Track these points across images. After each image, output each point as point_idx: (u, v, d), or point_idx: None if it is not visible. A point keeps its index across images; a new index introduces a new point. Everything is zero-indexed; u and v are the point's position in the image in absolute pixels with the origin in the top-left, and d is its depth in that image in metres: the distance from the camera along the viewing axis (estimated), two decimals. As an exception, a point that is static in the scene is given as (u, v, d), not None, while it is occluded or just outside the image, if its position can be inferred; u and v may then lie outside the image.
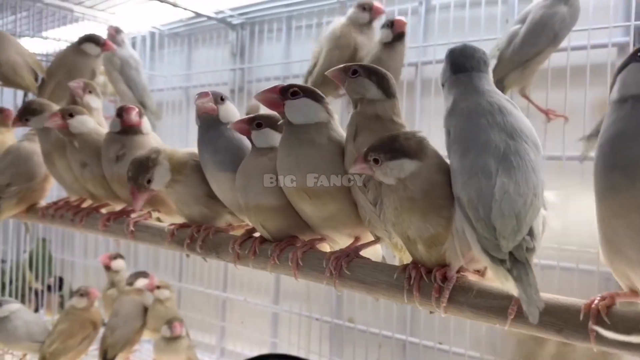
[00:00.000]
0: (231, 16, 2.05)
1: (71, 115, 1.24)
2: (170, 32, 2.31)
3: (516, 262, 0.62)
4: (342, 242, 0.93)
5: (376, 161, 0.74)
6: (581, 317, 0.64)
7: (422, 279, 0.75)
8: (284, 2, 1.89)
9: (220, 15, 2.04)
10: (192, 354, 1.80)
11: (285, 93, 0.88)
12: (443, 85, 0.81)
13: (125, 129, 1.19)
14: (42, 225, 2.50)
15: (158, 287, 1.82)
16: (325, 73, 0.88)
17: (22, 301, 2.19)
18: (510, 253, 0.63)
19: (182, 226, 1.09)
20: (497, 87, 0.80)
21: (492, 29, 1.47)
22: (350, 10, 1.53)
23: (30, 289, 2.28)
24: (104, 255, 1.93)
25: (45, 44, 2.11)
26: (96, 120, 1.33)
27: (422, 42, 1.63)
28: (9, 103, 2.07)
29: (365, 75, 0.84)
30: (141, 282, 1.84)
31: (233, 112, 1.04)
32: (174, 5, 1.94)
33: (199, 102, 1.00)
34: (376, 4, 1.51)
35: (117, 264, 1.93)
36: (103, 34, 1.87)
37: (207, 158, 1.01)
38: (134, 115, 1.20)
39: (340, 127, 0.91)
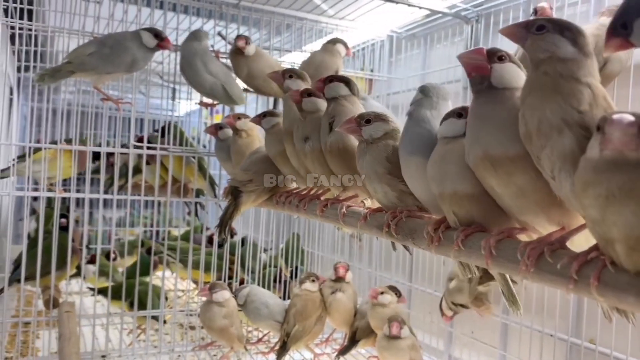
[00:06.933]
0: (465, 9, 1.97)
1: (309, 95, 1.35)
2: (407, 34, 2.34)
3: None
4: (545, 232, 0.80)
5: None
6: None
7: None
8: (521, -14, 1.75)
9: (453, 10, 1.99)
10: (417, 354, 1.76)
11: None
12: None
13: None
14: (292, 220, 2.79)
15: (382, 293, 1.85)
16: (500, 31, 0.80)
17: (273, 287, 2.47)
18: None
19: (377, 210, 1.08)
20: None
21: None
22: (605, 19, 1.31)
23: (282, 276, 2.55)
24: (341, 266, 2.00)
25: (301, 55, 2.34)
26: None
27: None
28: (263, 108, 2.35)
29: (555, 31, 0.74)
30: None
31: None
32: (408, 4, 1.96)
33: None
34: None
35: (349, 276, 1.99)
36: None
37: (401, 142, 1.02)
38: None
39: None
